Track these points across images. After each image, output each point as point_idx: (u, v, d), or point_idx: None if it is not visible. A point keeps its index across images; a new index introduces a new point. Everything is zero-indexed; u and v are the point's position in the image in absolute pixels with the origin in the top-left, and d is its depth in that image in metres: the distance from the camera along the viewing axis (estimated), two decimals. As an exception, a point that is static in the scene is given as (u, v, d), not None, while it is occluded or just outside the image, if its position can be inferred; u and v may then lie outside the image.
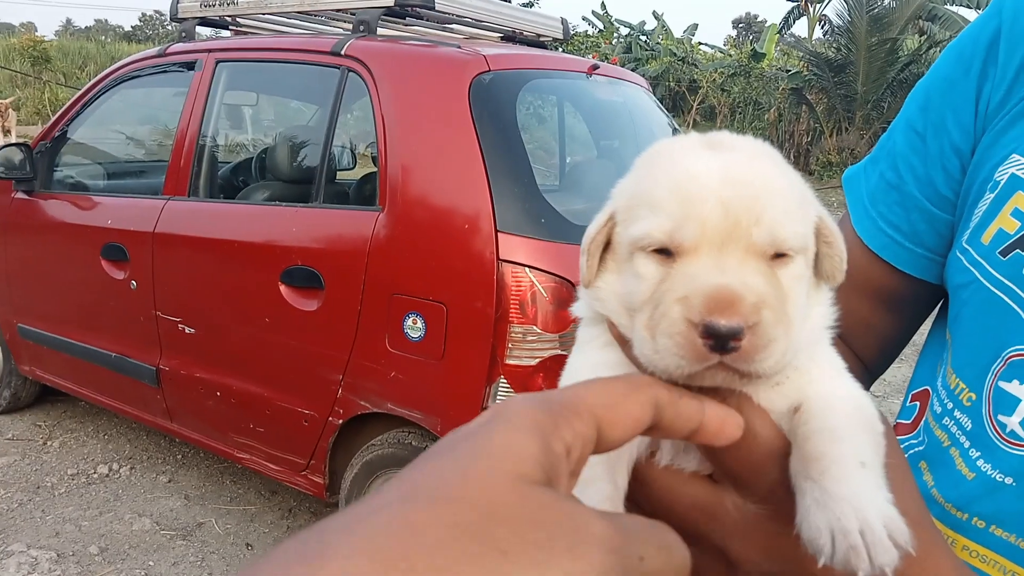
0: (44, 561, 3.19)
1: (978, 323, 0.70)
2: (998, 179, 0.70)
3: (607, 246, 0.52)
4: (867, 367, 0.91)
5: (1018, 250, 0.67)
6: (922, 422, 0.79)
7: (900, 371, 5.73)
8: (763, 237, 0.44)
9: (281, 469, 3.20)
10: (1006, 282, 0.67)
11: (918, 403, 0.82)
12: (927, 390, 0.80)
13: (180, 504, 3.72)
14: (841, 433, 0.45)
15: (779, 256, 0.46)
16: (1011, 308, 0.66)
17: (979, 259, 0.70)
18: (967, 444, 0.69)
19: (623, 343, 0.49)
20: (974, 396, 0.69)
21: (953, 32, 16.07)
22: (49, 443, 4.30)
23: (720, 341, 0.41)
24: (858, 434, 0.45)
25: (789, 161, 0.51)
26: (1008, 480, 0.65)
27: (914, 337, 0.94)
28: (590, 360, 0.52)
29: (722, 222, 0.44)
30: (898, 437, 0.82)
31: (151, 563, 3.23)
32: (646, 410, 0.37)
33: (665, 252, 0.46)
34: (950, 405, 0.72)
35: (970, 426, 0.69)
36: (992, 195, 0.70)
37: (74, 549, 3.29)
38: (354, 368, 2.79)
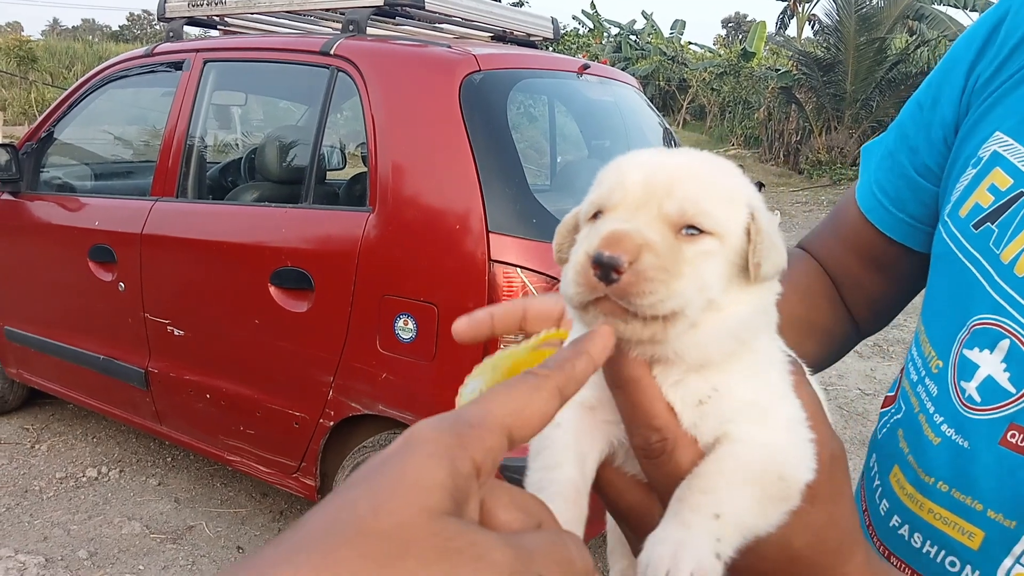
0: (32, 566, 3.16)
1: (949, 293, 0.73)
2: (981, 155, 0.72)
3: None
4: (858, 325, 0.96)
5: (988, 223, 0.69)
6: (899, 391, 0.82)
7: (891, 369, 5.76)
8: (672, 208, 0.49)
9: (272, 471, 3.18)
10: (975, 253, 0.70)
11: (900, 375, 0.85)
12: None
13: (170, 507, 3.69)
14: (716, 482, 0.48)
15: (691, 232, 0.50)
16: (976, 279, 0.69)
17: (955, 231, 0.73)
18: (932, 410, 0.72)
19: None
20: (941, 363, 0.72)
21: (940, 31, 16.16)
22: (37, 446, 4.26)
23: (604, 271, 0.46)
24: (737, 488, 0.48)
25: (778, 160, 0.54)
26: (965, 443, 0.68)
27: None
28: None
29: (640, 191, 0.50)
30: (885, 408, 0.87)
31: (141, 567, 3.21)
32: (552, 402, 0.39)
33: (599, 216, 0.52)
34: (923, 372, 0.75)
35: (936, 392, 0.72)
36: (974, 171, 0.73)
37: (63, 553, 3.26)
38: (345, 369, 2.77)
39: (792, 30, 23.45)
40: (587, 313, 0.49)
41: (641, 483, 0.54)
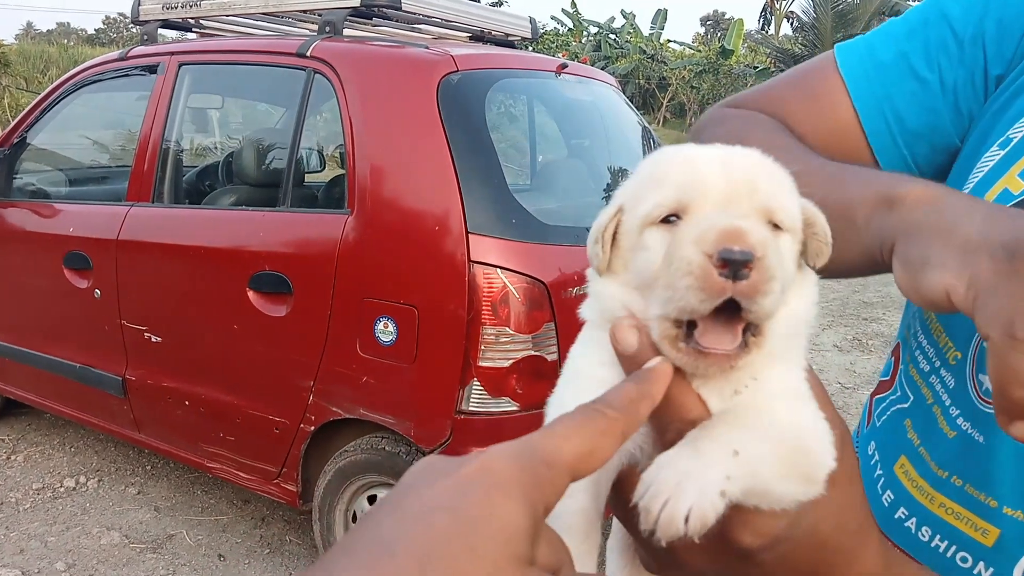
0: (9, 579, 3.11)
1: None
2: (1011, 136, 0.67)
3: (613, 243, 0.54)
4: None
5: None
6: (898, 378, 0.78)
7: (870, 362, 5.81)
8: (760, 203, 0.48)
9: (253, 478, 3.15)
10: None
11: (893, 358, 0.82)
12: (899, 345, 0.80)
13: (150, 516, 3.64)
14: (746, 423, 0.46)
15: (773, 227, 0.48)
16: None
17: None
18: (948, 402, 0.69)
19: (622, 355, 0.49)
20: (960, 355, 0.68)
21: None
22: (13, 457, 4.19)
23: (733, 268, 0.43)
24: (763, 439, 0.46)
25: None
26: (981, 438, 0.65)
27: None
28: (593, 364, 0.53)
29: (724, 186, 0.47)
30: (881, 395, 0.83)
31: (120, 578, 3.16)
32: (616, 446, 0.40)
33: (672, 222, 0.48)
34: (937, 363, 0.71)
35: (953, 384, 0.69)
36: (1003, 152, 0.67)
37: (40, 566, 3.21)
38: (325, 374, 2.75)
39: (772, 27, 23.61)
40: (684, 351, 0.46)
41: None
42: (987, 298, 0.44)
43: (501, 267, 2.44)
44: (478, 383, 2.46)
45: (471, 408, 2.47)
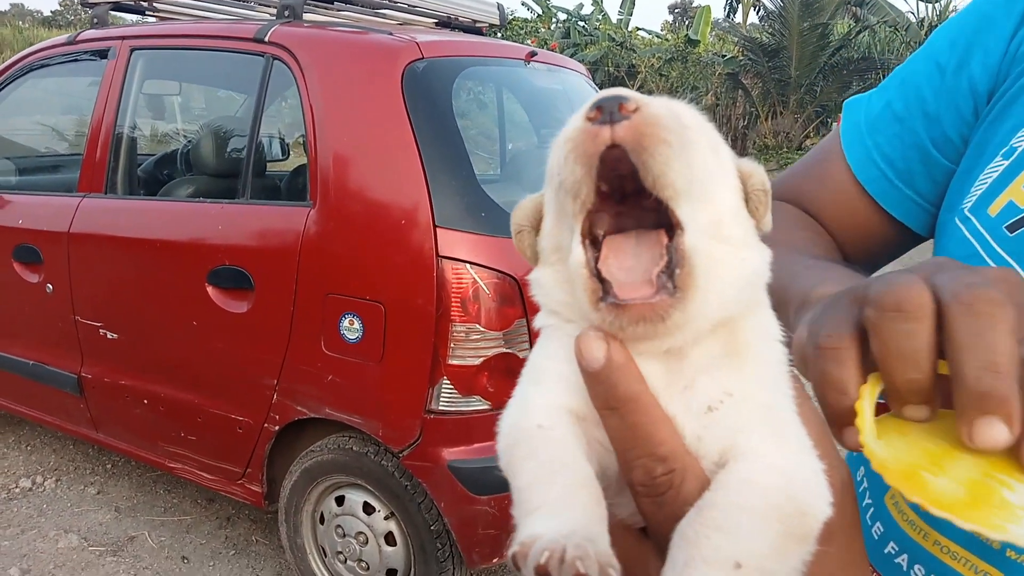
0: (-41, 588, 2.99)
1: None
2: (1015, 146, 0.63)
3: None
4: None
5: None
6: None
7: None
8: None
9: (216, 478, 3.05)
10: (1010, 260, 0.61)
11: None
12: None
13: (110, 517, 3.53)
14: (735, 518, 0.38)
15: None
16: None
17: (982, 231, 0.64)
18: None
19: (586, 372, 0.43)
20: None
21: (881, 17, 16.47)
22: (-36, 458, 4.04)
23: (608, 108, 0.39)
24: (758, 524, 0.39)
25: (727, 143, 0.47)
26: None
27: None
28: (551, 358, 0.48)
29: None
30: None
31: (78, 583, 3.05)
32: None
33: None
34: None
35: None
36: (1006, 162, 0.64)
37: (-8, 573, 3.09)
38: (289, 372, 2.66)
39: (739, 16, 23.68)
40: (599, 312, 0.41)
41: (631, 529, 0.45)
42: (804, 323, 0.46)
43: (470, 262, 2.37)
44: (448, 382, 2.39)
45: (441, 407, 2.40)
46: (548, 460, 0.42)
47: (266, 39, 2.75)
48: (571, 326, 0.46)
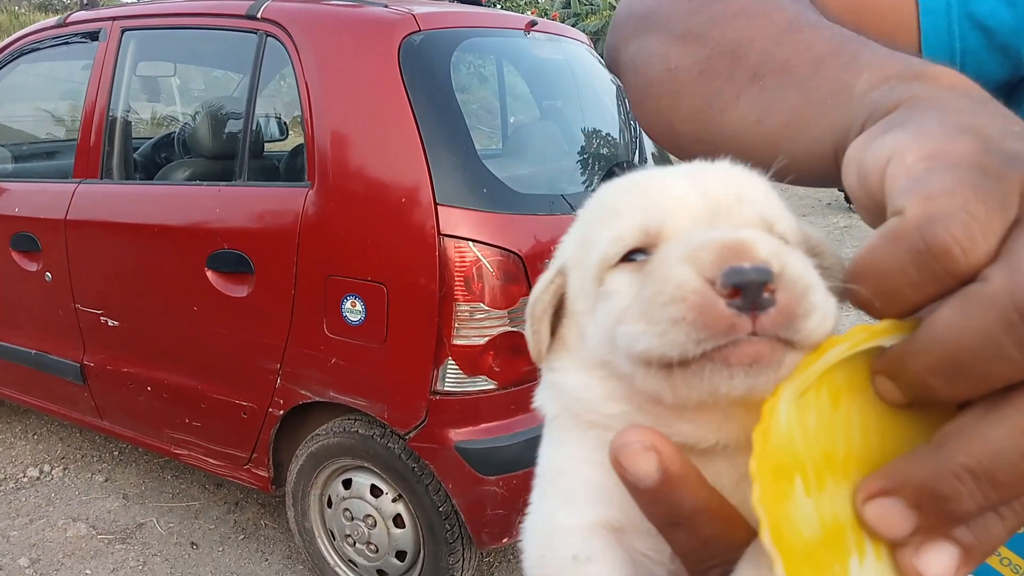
0: (-31, 578, 2.99)
1: None
2: None
3: (560, 314, 0.42)
4: None
5: None
6: None
7: (848, 319, 5.78)
8: (752, 213, 0.37)
9: (222, 464, 3.03)
10: None
11: None
12: None
13: (118, 505, 3.52)
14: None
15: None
16: None
17: None
18: None
19: (638, 491, 0.35)
20: None
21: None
22: (-28, 448, 4.04)
23: (749, 292, 0.31)
24: None
25: None
26: None
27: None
28: (576, 462, 0.41)
29: (702, 201, 0.37)
30: None
31: (88, 571, 3.04)
32: None
33: (639, 258, 0.37)
34: None
35: None
36: None
37: (2, 563, 3.08)
38: (292, 356, 2.62)
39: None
40: (691, 371, 0.33)
41: None
42: (938, 172, 0.30)
43: (473, 240, 2.31)
44: (453, 362, 2.34)
45: (446, 388, 2.36)
46: None
47: (258, 15, 2.67)
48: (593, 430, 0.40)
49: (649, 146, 3.36)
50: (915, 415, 0.33)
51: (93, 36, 3.22)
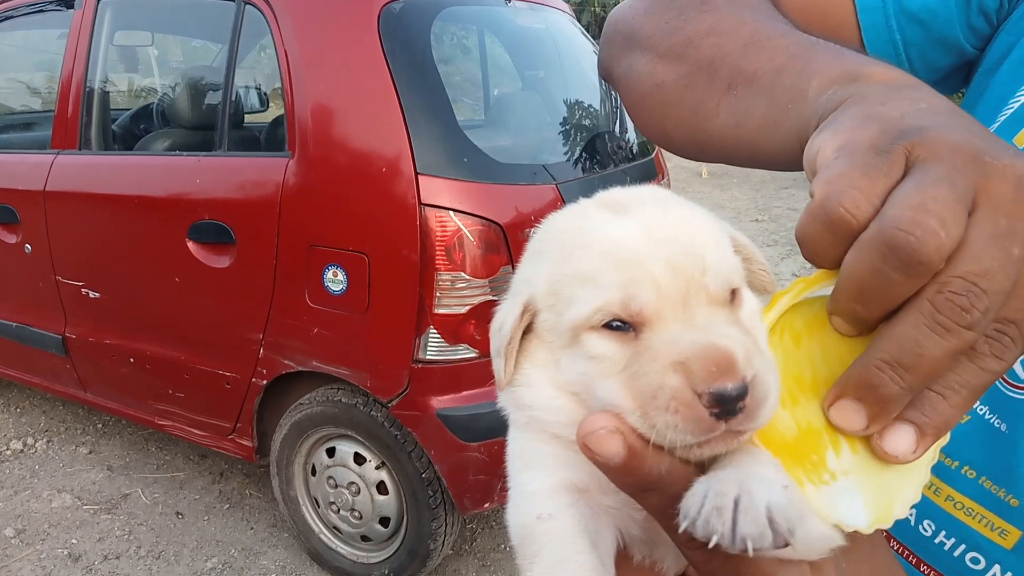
0: (-45, 548, 3.00)
1: None
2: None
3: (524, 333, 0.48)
4: None
5: None
6: None
7: (828, 292, 5.86)
8: (716, 283, 0.43)
9: (206, 434, 3.05)
10: None
11: None
12: None
13: (103, 476, 3.54)
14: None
15: (731, 294, 0.44)
16: None
17: None
18: None
19: (608, 468, 0.42)
20: None
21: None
22: (-46, 421, 4.03)
23: (728, 407, 0.39)
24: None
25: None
26: (1003, 427, 0.57)
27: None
28: (546, 490, 0.46)
29: (673, 280, 0.42)
30: None
31: (74, 541, 3.07)
32: None
33: (618, 326, 0.42)
34: None
35: None
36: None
37: (-13, 533, 3.10)
38: (274, 326, 2.63)
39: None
40: (689, 452, 0.41)
41: None
42: (840, 159, 0.39)
43: (454, 209, 2.33)
44: (435, 331, 2.36)
45: (428, 356, 2.39)
46: (550, 559, 0.42)
47: (236, -17, 2.64)
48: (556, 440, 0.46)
49: (629, 117, 3.36)
50: (865, 340, 0.40)
51: (68, 4, 3.18)
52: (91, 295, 3.11)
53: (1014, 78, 0.61)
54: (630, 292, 0.41)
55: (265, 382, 2.73)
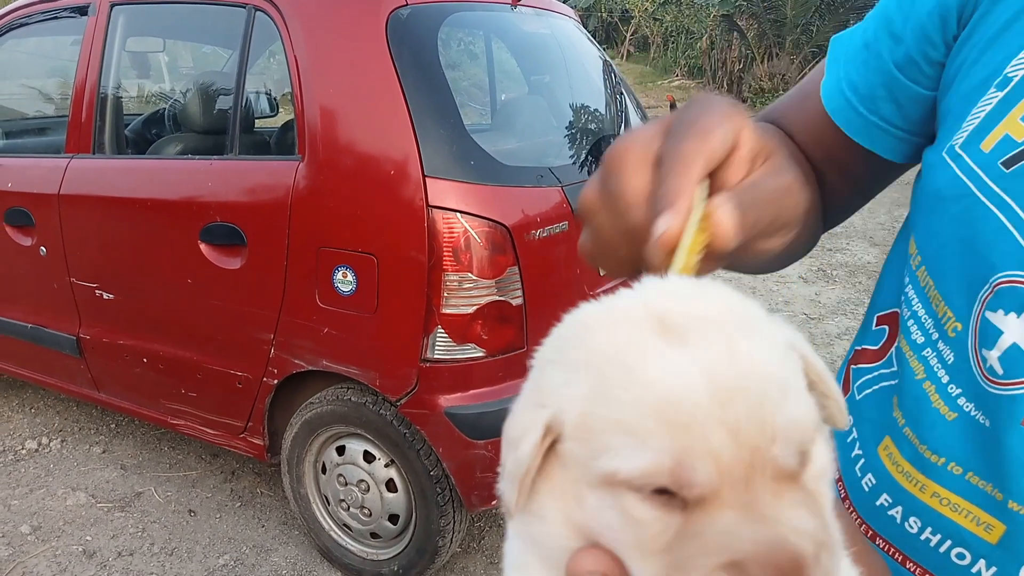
0: (-28, 545, 3.06)
1: (967, 243, 0.61)
2: (1010, 75, 0.59)
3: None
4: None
5: None
6: (892, 349, 0.71)
7: (835, 292, 5.88)
8: (787, 456, 0.35)
9: (219, 433, 3.10)
10: (1005, 198, 0.57)
11: (886, 327, 0.74)
12: (896, 313, 0.71)
13: (117, 475, 3.59)
14: None
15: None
16: (1006, 229, 0.57)
17: (975, 168, 0.60)
18: (946, 379, 0.62)
19: None
20: (960, 326, 0.61)
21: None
22: (-30, 421, 4.09)
23: None
24: None
25: (722, 89, 0.49)
26: (987, 422, 0.58)
27: (866, 257, 0.90)
28: None
29: (737, 452, 0.34)
30: (864, 365, 0.76)
31: (88, 538, 3.12)
32: None
33: (664, 491, 0.35)
34: (935, 335, 0.64)
35: (952, 359, 0.61)
36: (1000, 93, 0.60)
37: (3, 530, 3.15)
38: (285, 326, 2.68)
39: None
40: None
41: None
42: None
43: (461, 211, 2.37)
44: (442, 330, 2.41)
45: (436, 356, 2.43)
46: None
47: (247, -10, 2.70)
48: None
49: (634, 120, 3.40)
50: None
51: (82, 11, 3.24)
52: (105, 296, 3.17)
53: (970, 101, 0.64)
54: (683, 464, 0.34)
55: (276, 381, 2.78)
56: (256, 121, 3.84)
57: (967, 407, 0.60)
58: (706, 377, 0.35)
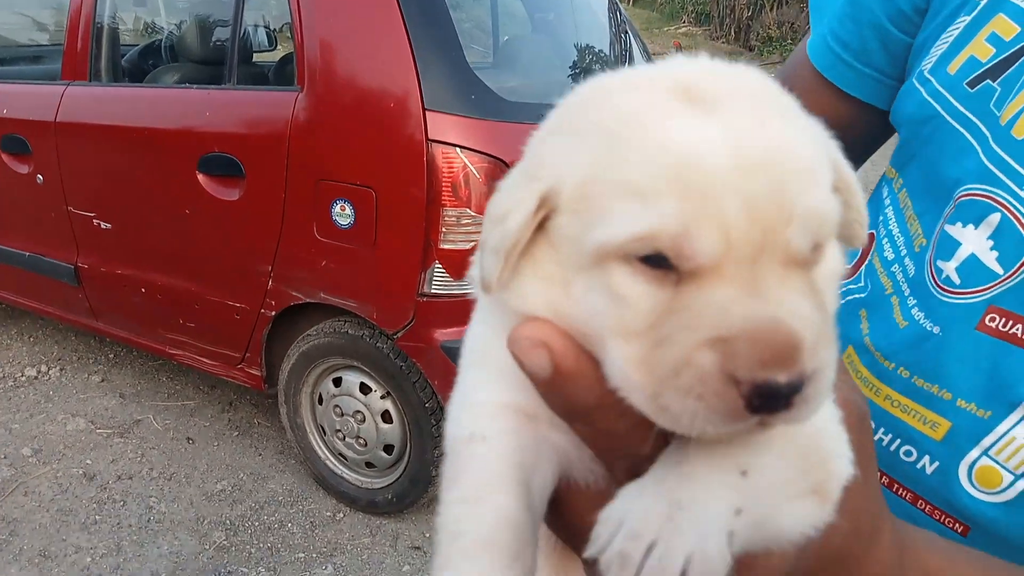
0: (-25, 466, 3.12)
1: (936, 162, 0.63)
2: (978, 0, 0.62)
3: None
4: None
5: (988, 80, 0.59)
6: (863, 266, 0.74)
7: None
8: (801, 239, 0.32)
9: (216, 364, 3.14)
10: (969, 116, 0.60)
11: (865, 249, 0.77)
12: (871, 234, 0.74)
13: (115, 403, 3.64)
14: (750, 436, 0.34)
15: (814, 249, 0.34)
16: (970, 145, 0.59)
17: (942, 90, 0.63)
18: (907, 291, 0.65)
19: (535, 380, 0.35)
20: (925, 242, 0.63)
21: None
22: (-31, 348, 4.13)
23: (774, 401, 0.30)
24: (777, 450, 0.34)
25: (729, 37, 0.45)
26: (935, 329, 0.62)
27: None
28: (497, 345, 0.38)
29: (748, 229, 0.31)
30: None
31: (88, 461, 3.19)
32: None
33: (659, 263, 0.32)
34: (903, 251, 0.67)
35: (913, 272, 0.65)
36: (968, 18, 0.62)
37: (5, 452, 3.22)
38: (283, 258, 2.70)
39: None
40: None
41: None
42: None
43: (461, 146, 2.36)
44: (440, 266, 2.43)
45: (433, 290, 2.45)
46: (467, 490, 0.37)
47: (246, -87, 2.64)
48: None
49: (639, 59, 3.36)
50: None
51: (77, -67, 3.16)
52: (102, 226, 3.17)
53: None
54: (689, 228, 0.31)
55: (273, 313, 2.81)
56: (254, 55, 3.78)
57: (918, 316, 0.63)
58: (731, 145, 0.32)
